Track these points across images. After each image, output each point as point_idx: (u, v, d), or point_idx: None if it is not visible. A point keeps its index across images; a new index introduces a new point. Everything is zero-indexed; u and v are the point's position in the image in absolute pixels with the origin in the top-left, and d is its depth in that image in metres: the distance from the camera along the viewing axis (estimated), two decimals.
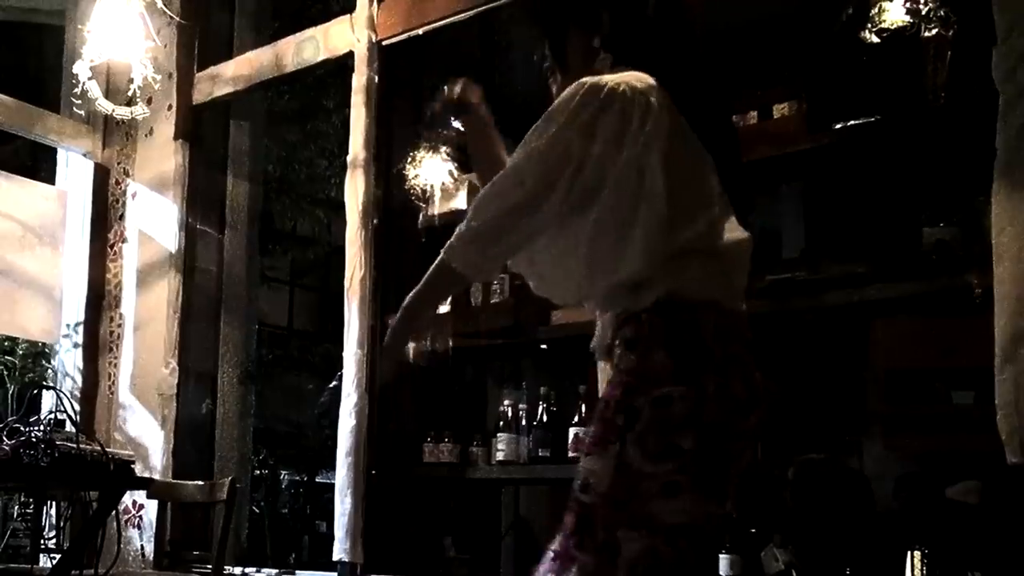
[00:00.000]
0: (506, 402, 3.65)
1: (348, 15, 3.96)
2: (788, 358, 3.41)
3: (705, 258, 1.81)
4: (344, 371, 3.80)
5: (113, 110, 4.27)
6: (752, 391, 1.77)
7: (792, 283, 3.13)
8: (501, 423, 3.63)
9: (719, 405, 1.71)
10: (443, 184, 3.86)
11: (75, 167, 4.84)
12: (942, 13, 2.81)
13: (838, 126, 3.00)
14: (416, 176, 3.86)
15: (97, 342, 4.69)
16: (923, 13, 2.82)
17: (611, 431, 1.72)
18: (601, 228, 1.81)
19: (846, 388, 3.14)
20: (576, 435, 3.44)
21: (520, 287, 3.71)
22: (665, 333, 1.74)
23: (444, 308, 3.64)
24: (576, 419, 3.46)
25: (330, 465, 4.05)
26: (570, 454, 3.45)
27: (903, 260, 2.93)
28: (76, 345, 4.69)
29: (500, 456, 3.60)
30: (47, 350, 4.75)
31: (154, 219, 4.55)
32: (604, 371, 3.26)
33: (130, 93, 4.21)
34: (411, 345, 1.96)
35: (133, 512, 4.34)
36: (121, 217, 4.69)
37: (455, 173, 3.85)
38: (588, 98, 1.81)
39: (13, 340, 4.68)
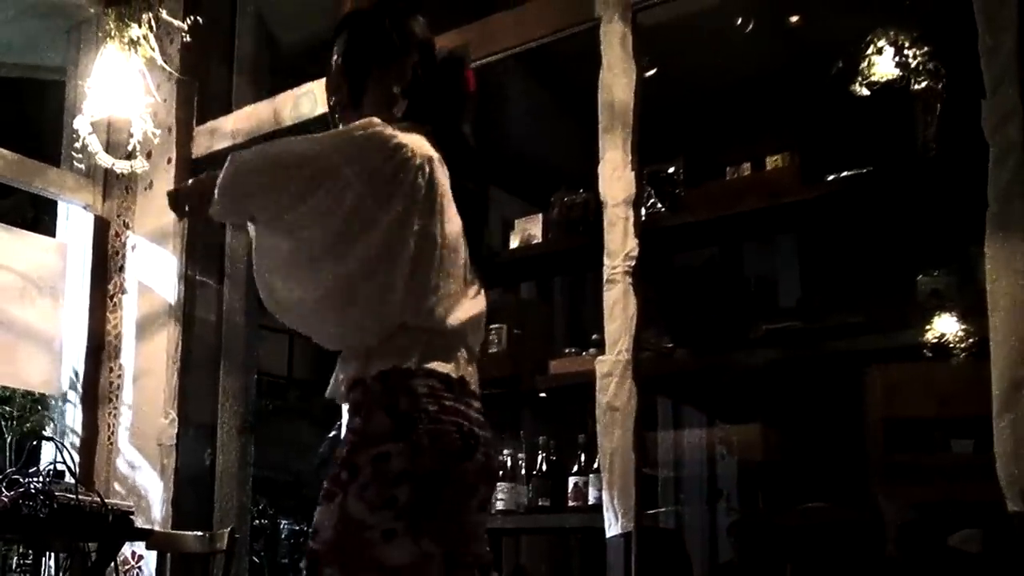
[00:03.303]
0: (505, 451, 3.65)
1: None
2: (786, 407, 3.43)
3: (429, 336, 1.96)
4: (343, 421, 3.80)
5: (113, 164, 4.30)
6: (467, 438, 1.93)
7: (789, 333, 3.15)
8: (500, 472, 3.63)
9: (433, 456, 1.87)
10: None
11: (75, 220, 4.86)
12: (932, 66, 2.86)
13: (831, 177, 3.03)
14: None
15: (96, 392, 4.69)
16: (913, 66, 2.86)
17: (336, 485, 1.88)
18: (346, 278, 1.92)
19: (845, 437, 3.15)
20: (576, 484, 3.45)
21: (518, 337, 3.73)
22: (385, 397, 1.89)
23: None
24: (576, 468, 3.46)
25: None
26: (570, 503, 3.45)
27: (898, 309, 2.95)
28: (76, 396, 4.69)
29: (500, 505, 3.59)
30: (50, 400, 4.75)
31: (153, 271, 4.57)
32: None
33: (130, 147, 4.25)
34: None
35: (132, 563, 4.31)
36: (121, 269, 4.71)
37: None
38: (376, 141, 1.92)
39: (12, 390, 4.68)
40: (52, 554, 4.09)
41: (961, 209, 2.68)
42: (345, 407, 1.99)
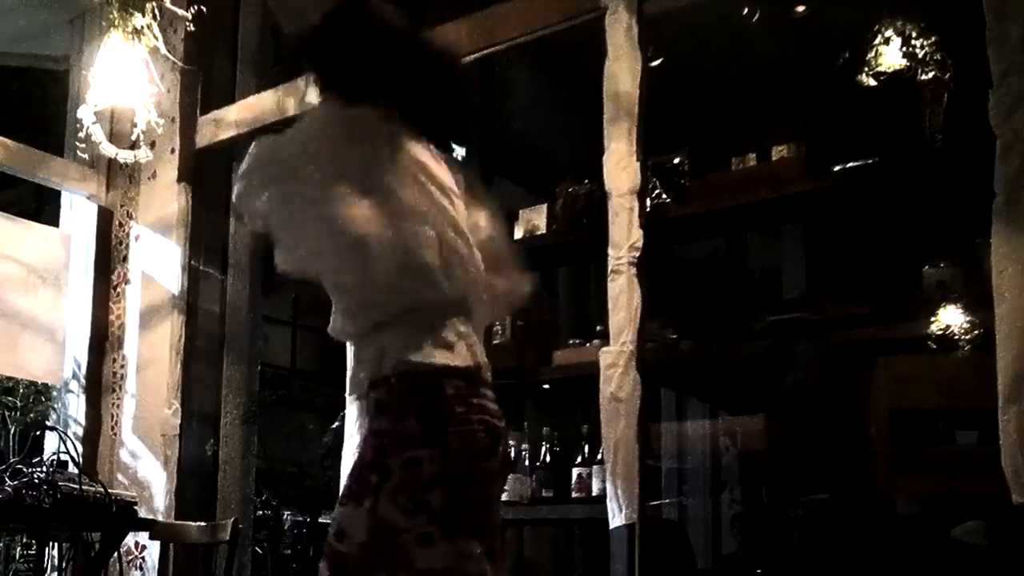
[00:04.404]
0: (509, 443, 3.64)
1: None
2: (790, 399, 3.42)
3: (445, 316, 1.95)
4: (346, 412, 3.80)
5: (117, 154, 4.29)
6: (492, 435, 1.93)
7: (793, 324, 3.15)
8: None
9: (463, 457, 1.87)
10: None
11: (79, 210, 4.86)
12: (938, 57, 2.85)
13: (837, 168, 3.03)
14: None
15: (100, 383, 4.69)
16: (920, 57, 2.85)
17: (366, 487, 1.87)
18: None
19: (850, 429, 3.14)
20: (579, 475, 3.44)
21: (522, 328, 3.72)
22: (414, 400, 1.89)
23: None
24: (579, 459, 3.46)
25: (333, 506, 4.03)
26: (573, 494, 3.45)
27: (904, 301, 2.94)
28: (79, 386, 4.70)
29: (504, 496, 3.58)
30: (54, 390, 4.76)
31: (157, 261, 4.57)
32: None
33: (133, 137, 4.24)
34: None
35: (136, 553, 4.32)
36: (124, 259, 4.71)
37: None
38: (369, 115, 2.00)
39: (15, 380, 4.69)
40: (56, 544, 4.09)
41: (967, 200, 2.67)
42: (355, 402, 1.98)
